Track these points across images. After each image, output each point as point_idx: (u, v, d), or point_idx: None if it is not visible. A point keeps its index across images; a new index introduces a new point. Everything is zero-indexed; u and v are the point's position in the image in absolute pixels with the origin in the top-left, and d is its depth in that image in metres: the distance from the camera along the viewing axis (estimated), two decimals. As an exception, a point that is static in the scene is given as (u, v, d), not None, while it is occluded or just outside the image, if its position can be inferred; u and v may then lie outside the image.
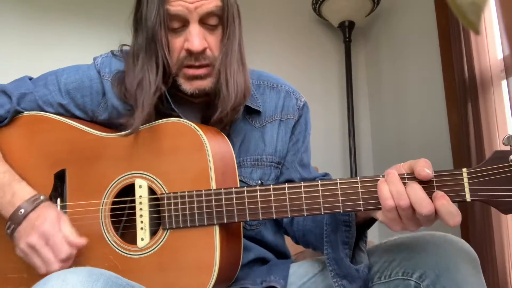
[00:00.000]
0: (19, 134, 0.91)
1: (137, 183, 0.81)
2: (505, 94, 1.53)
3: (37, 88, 0.92)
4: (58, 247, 0.78)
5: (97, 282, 0.62)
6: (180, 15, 0.81)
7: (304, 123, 1.00)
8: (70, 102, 0.92)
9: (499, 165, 0.66)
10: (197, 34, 0.82)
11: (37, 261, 0.78)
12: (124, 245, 0.81)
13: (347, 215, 0.79)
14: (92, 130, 0.88)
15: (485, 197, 0.67)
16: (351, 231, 0.79)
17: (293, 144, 0.98)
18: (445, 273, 0.71)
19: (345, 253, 0.78)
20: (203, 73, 0.85)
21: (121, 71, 0.91)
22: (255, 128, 0.95)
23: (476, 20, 0.34)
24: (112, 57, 0.94)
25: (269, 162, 0.95)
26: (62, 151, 0.88)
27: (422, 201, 0.66)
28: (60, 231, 0.79)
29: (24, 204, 0.80)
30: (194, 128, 0.80)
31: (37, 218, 0.79)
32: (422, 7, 2.07)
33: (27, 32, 1.92)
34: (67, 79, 0.92)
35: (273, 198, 0.75)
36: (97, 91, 0.92)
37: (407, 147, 2.14)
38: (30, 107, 0.92)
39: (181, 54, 0.84)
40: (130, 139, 0.84)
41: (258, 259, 0.93)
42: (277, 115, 0.97)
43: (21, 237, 0.79)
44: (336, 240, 0.80)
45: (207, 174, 0.78)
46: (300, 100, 1.00)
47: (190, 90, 0.85)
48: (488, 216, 1.53)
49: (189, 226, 0.78)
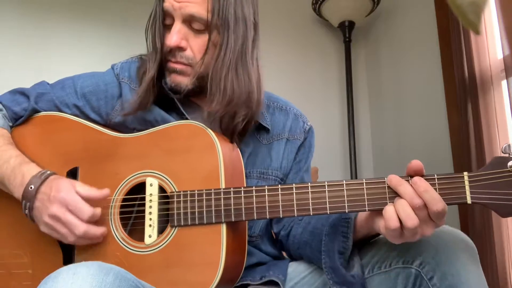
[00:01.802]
0: (34, 133, 0.93)
1: (148, 182, 0.83)
2: (505, 94, 1.54)
3: (55, 90, 0.95)
4: (79, 209, 0.78)
5: (107, 275, 0.62)
6: (168, 11, 0.87)
7: (308, 146, 1.04)
8: (85, 104, 0.94)
9: (498, 170, 0.70)
10: (176, 31, 0.87)
11: (63, 230, 0.78)
12: (132, 241, 0.82)
13: (346, 226, 0.81)
14: (106, 130, 0.90)
15: (484, 200, 0.70)
16: (347, 242, 0.81)
17: (296, 163, 1.02)
18: (444, 260, 0.73)
19: (340, 262, 0.81)
20: (178, 68, 0.89)
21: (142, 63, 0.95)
22: (262, 144, 0.98)
23: (476, 20, 0.35)
24: (132, 62, 0.98)
25: (274, 177, 0.97)
26: (75, 150, 0.89)
27: (409, 215, 0.69)
28: (77, 194, 0.79)
29: (32, 179, 0.81)
30: (206, 129, 0.82)
31: (51, 189, 0.79)
32: (422, 7, 2.08)
33: (27, 32, 1.92)
34: (83, 83, 0.96)
35: (280, 198, 0.77)
36: (112, 95, 0.95)
37: (407, 148, 2.14)
38: (47, 107, 0.94)
39: (166, 49, 0.89)
40: (142, 139, 0.87)
41: (260, 263, 0.95)
42: (284, 134, 1.00)
43: (42, 212, 0.79)
44: (333, 249, 0.82)
45: (217, 174, 0.80)
46: (306, 124, 1.05)
47: (169, 82, 0.90)
48: (488, 217, 1.54)
49: (197, 224, 0.79)
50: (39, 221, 0.80)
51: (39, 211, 0.80)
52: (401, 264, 0.78)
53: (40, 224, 0.80)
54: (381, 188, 0.73)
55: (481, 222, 1.57)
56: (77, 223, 0.78)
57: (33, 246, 0.86)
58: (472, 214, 1.62)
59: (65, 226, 0.78)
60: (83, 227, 0.78)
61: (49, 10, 1.97)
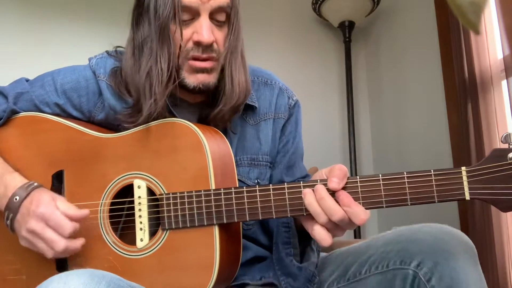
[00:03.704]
0: (16, 135, 0.90)
1: (136, 184, 0.81)
2: (505, 94, 1.53)
3: (34, 88, 0.92)
4: (60, 225, 0.76)
5: (99, 284, 0.61)
6: (192, 6, 0.82)
7: (294, 122, 1.00)
8: (66, 102, 0.92)
9: (498, 163, 0.67)
10: (208, 26, 0.83)
11: (42, 245, 0.77)
12: (123, 245, 0.81)
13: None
14: (89, 130, 0.88)
15: (484, 195, 0.67)
16: (290, 231, 0.82)
17: (283, 145, 0.98)
18: (443, 261, 0.72)
19: (286, 252, 0.82)
20: (209, 66, 0.84)
21: (117, 67, 0.91)
22: (249, 125, 0.95)
23: (476, 20, 0.34)
24: (108, 57, 0.94)
25: (265, 162, 0.95)
26: (59, 152, 0.87)
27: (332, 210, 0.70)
28: (58, 209, 0.78)
29: (17, 191, 0.79)
30: (192, 128, 0.80)
31: (31, 202, 0.78)
32: (422, 7, 2.07)
33: (27, 32, 1.92)
34: (63, 80, 0.92)
35: (272, 198, 0.75)
36: (94, 92, 0.92)
37: (407, 147, 2.14)
38: (27, 107, 0.91)
39: (187, 45, 0.84)
40: (128, 140, 0.84)
41: (256, 257, 0.94)
42: (271, 113, 0.97)
43: (21, 226, 0.78)
44: (277, 241, 0.83)
45: (206, 174, 0.78)
46: (292, 98, 1.00)
47: (193, 83, 0.84)
48: (488, 216, 1.53)
49: (188, 227, 0.78)
50: (19, 234, 0.79)
51: (19, 223, 0.78)
52: (399, 265, 0.77)
53: (19, 237, 0.79)
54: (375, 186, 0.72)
55: (481, 222, 1.56)
56: (57, 239, 0.76)
57: (26, 252, 0.84)
58: (472, 214, 1.61)
59: (44, 242, 0.77)
60: (63, 243, 0.76)
61: (48, 9, 1.97)
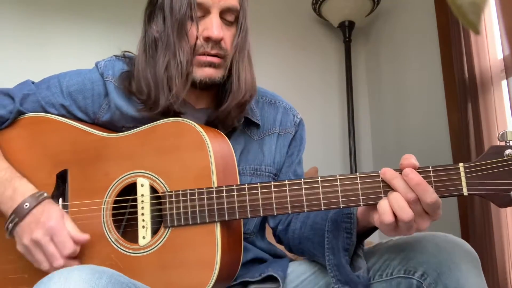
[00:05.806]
0: (22, 135, 0.91)
1: (139, 182, 0.82)
2: (505, 94, 1.54)
3: (40, 90, 0.94)
4: (63, 243, 0.78)
5: (100, 279, 0.61)
6: (203, 4, 0.86)
7: (299, 139, 1.04)
8: (72, 103, 0.93)
9: (495, 159, 0.68)
10: (218, 23, 0.87)
11: (40, 257, 0.78)
12: (126, 243, 0.82)
13: (348, 222, 0.80)
14: (94, 130, 0.89)
15: (481, 191, 0.69)
16: (352, 238, 0.79)
17: (288, 157, 1.01)
18: (447, 272, 0.72)
19: (345, 259, 0.79)
20: (217, 61, 0.88)
21: (127, 71, 0.94)
22: (253, 140, 0.98)
23: (476, 20, 0.34)
24: (116, 60, 0.97)
25: (267, 173, 0.97)
26: (64, 152, 0.88)
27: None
28: (65, 228, 0.79)
29: (28, 198, 0.80)
30: (196, 127, 0.81)
31: (42, 213, 0.79)
32: (422, 7, 2.07)
33: (27, 32, 1.92)
34: (69, 82, 0.94)
35: (273, 195, 0.76)
36: (99, 93, 0.94)
37: (407, 147, 2.14)
38: (33, 108, 0.93)
39: (197, 41, 0.86)
40: (131, 139, 0.85)
41: (257, 259, 0.95)
42: (275, 129, 1.00)
43: (24, 233, 0.79)
44: (338, 246, 0.80)
45: (208, 172, 0.79)
46: (296, 116, 1.04)
47: (200, 76, 0.88)
48: (488, 216, 1.53)
49: (190, 224, 0.78)
50: (19, 240, 0.80)
51: (22, 230, 0.79)
52: (403, 274, 0.77)
53: (18, 243, 0.80)
54: (375, 182, 0.72)
55: (481, 221, 1.56)
56: (57, 256, 0.78)
57: None
58: (472, 213, 1.62)
59: (44, 255, 0.78)
60: (61, 262, 0.78)
61: (48, 10, 1.97)
